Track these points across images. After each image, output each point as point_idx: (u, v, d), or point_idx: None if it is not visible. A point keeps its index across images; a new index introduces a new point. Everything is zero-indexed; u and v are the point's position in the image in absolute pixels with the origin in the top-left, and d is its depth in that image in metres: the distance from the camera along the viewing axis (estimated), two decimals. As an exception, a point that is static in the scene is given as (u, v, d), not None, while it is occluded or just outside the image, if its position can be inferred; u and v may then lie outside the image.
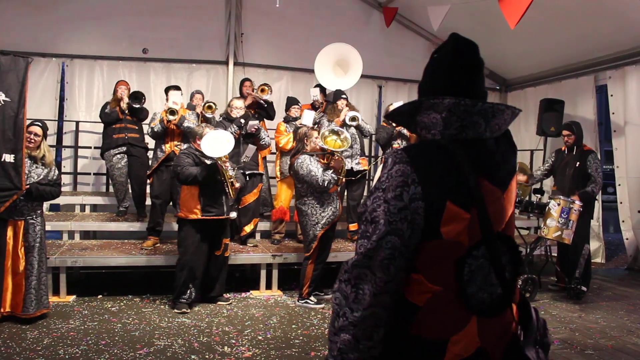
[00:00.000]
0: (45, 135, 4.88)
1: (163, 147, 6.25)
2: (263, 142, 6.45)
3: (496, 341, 1.47)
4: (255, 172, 6.48)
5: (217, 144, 5.16)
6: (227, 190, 5.29)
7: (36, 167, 4.72)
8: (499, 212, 1.49)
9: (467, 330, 1.43)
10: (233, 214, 5.55)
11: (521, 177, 6.48)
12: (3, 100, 4.44)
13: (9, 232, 4.62)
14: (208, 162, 5.21)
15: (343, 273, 1.44)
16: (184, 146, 6.03)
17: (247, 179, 6.31)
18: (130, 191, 7.02)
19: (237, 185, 5.40)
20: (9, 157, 4.44)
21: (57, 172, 4.90)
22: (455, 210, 1.39)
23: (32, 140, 4.68)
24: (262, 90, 7.00)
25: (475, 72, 1.57)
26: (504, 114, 1.51)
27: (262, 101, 6.96)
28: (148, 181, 6.51)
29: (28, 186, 4.58)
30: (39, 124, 4.83)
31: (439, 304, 1.42)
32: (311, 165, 5.29)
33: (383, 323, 1.42)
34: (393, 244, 1.38)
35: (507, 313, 1.51)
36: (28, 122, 4.68)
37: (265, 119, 7.19)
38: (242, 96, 7.37)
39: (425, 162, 1.43)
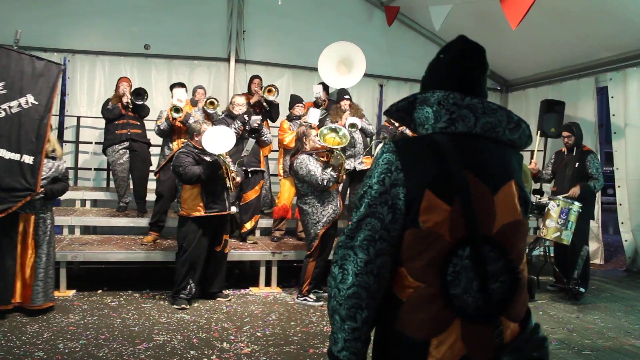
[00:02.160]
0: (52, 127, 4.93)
1: (171, 145, 6.27)
2: (265, 138, 6.46)
3: (483, 351, 1.42)
4: (257, 168, 6.49)
5: (218, 140, 5.17)
6: (229, 185, 5.31)
7: (47, 161, 4.76)
8: (487, 212, 1.45)
9: (450, 333, 1.40)
10: (233, 209, 5.59)
11: (532, 166, 6.46)
12: (31, 103, 4.56)
13: (20, 226, 4.67)
14: (208, 158, 5.23)
15: (333, 255, 1.51)
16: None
17: (250, 175, 6.33)
18: (131, 187, 7.04)
19: (238, 179, 5.42)
20: (28, 159, 4.55)
21: (64, 165, 4.97)
22: (434, 200, 1.41)
23: None
24: (269, 91, 6.99)
25: (478, 74, 1.60)
26: (496, 113, 1.53)
27: (265, 104, 6.97)
28: (155, 177, 6.51)
29: (43, 189, 4.66)
30: None
31: (420, 300, 1.42)
32: (310, 165, 5.30)
33: (365, 304, 1.43)
34: (372, 226, 1.44)
35: (497, 324, 1.43)
36: None
37: (268, 120, 7.19)
38: (250, 93, 7.37)
39: (410, 151, 1.48)
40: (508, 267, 1.46)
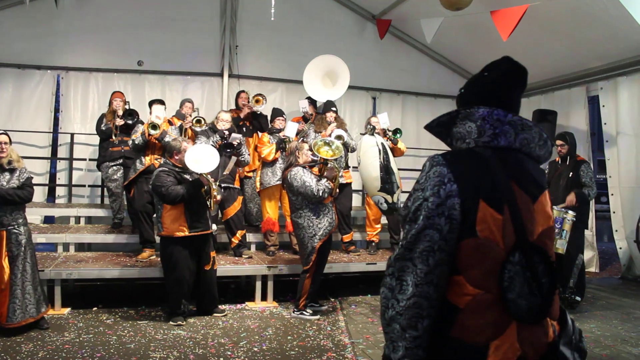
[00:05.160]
0: (10, 141, 4.81)
1: (143, 160, 6.21)
2: (242, 159, 6.30)
3: (535, 350, 1.51)
4: (231, 185, 6.41)
5: (202, 158, 5.15)
6: (209, 204, 5.28)
7: (5, 175, 4.67)
8: (530, 219, 1.54)
9: (507, 336, 1.47)
10: (214, 227, 5.56)
11: None
12: None
13: None
14: (189, 177, 5.21)
15: (387, 267, 1.56)
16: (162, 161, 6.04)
17: (223, 191, 6.25)
18: (125, 203, 7.02)
19: (219, 197, 5.38)
20: None
21: (26, 173, 4.81)
22: (488, 209, 1.48)
23: (4, 150, 4.67)
24: (257, 101, 7.05)
25: (518, 93, 1.71)
26: (531, 130, 1.63)
27: (257, 112, 7.01)
28: (129, 194, 6.43)
29: None
30: (2, 130, 4.80)
31: (479, 307, 1.48)
32: (305, 177, 5.30)
33: (426, 314, 1.49)
34: (431, 237, 1.49)
35: (545, 324, 1.54)
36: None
37: (258, 132, 7.21)
38: (238, 108, 7.39)
39: (459, 164, 1.55)
40: (548, 269, 1.55)
